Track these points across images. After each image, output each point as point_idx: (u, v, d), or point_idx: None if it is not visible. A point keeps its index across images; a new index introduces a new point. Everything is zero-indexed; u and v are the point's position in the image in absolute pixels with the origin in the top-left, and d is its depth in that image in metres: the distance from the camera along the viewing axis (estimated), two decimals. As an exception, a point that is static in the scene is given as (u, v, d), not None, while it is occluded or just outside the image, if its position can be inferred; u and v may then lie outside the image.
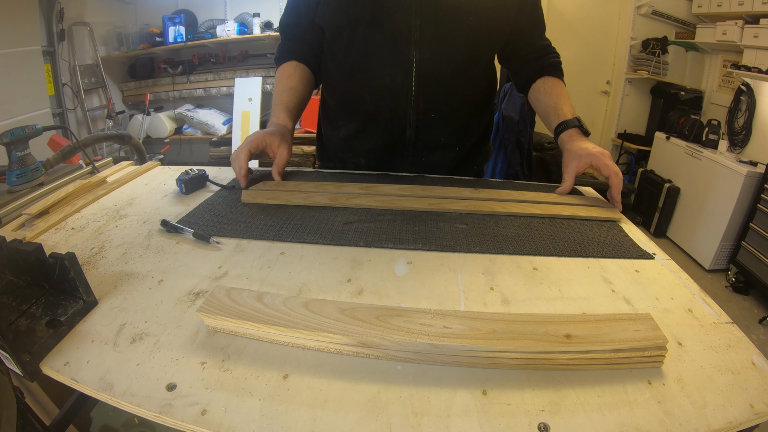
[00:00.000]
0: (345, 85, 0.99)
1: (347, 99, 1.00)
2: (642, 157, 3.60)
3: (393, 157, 1.01)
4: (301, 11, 0.96)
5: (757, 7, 2.64)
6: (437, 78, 0.91)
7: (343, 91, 1.00)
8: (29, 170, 0.87)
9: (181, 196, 0.86)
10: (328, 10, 0.90)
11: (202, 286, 0.58)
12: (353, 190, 0.85)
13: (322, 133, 1.13)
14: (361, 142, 1.01)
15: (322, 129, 1.12)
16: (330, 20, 0.91)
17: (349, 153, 1.04)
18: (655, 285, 0.60)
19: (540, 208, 0.79)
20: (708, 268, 2.77)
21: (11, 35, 2.74)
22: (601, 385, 0.44)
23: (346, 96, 1.00)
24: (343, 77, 0.98)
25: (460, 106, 0.97)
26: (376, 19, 0.86)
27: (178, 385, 0.43)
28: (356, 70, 0.94)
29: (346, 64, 0.95)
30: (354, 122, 1.00)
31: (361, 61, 0.92)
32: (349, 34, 0.90)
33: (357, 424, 0.39)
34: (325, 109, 1.09)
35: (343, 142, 1.04)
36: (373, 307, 0.49)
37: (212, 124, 3.87)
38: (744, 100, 2.70)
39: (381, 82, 0.92)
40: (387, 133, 0.98)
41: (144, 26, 3.88)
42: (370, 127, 0.99)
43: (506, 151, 2.29)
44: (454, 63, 0.91)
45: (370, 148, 1.01)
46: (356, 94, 0.97)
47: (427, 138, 0.97)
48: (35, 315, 0.50)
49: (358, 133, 1.01)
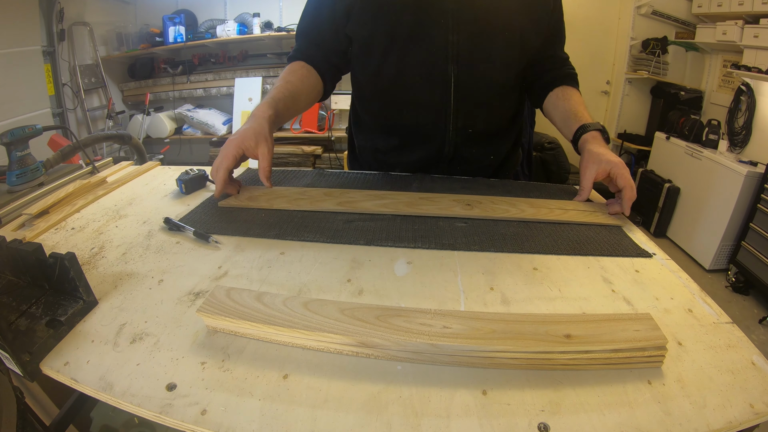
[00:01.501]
0: (381, 100, 0.97)
1: (383, 114, 0.99)
2: (642, 157, 3.60)
3: (429, 170, 1.00)
4: (324, 18, 0.93)
5: (757, 7, 2.63)
6: (475, 93, 0.90)
7: (378, 106, 0.99)
8: (29, 170, 0.87)
9: (181, 196, 0.86)
10: (362, 22, 0.88)
11: (202, 286, 0.58)
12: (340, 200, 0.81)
13: (354, 144, 1.12)
14: (397, 156, 1.00)
15: (354, 140, 1.11)
16: (364, 32, 0.89)
17: (384, 166, 1.02)
18: (655, 285, 0.60)
19: (542, 216, 0.78)
20: (708, 268, 2.77)
21: (11, 35, 2.74)
22: (601, 385, 0.44)
23: (382, 110, 0.99)
24: (377, 91, 0.96)
25: (496, 119, 0.97)
26: (414, 34, 0.85)
27: (178, 385, 0.43)
28: (393, 85, 0.92)
29: (382, 78, 0.93)
30: (392, 138, 0.99)
31: (397, 76, 0.91)
32: (385, 48, 0.88)
33: (357, 424, 0.40)
34: (357, 121, 1.08)
35: (378, 155, 1.03)
36: (373, 307, 0.49)
37: (212, 124, 3.87)
38: (744, 100, 2.69)
39: (419, 98, 0.91)
40: (425, 149, 0.97)
41: (144, 26, 3.88)
42: (408, 143, 0.98)
43: (506, 151, 2.29)
44: (491, 78, 0.90)
45: (406, 162, 1.00)
46: (393, 109, 0.96)
47: (464, 152, 0.97)
48: (35, 315, 0.50)
49: (395, 148, 1.00)
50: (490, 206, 0.80)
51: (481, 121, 0.94)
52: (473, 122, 0.94)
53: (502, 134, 1.01)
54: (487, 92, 0.92)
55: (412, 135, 0.96)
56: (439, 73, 0.88)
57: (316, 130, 3.65)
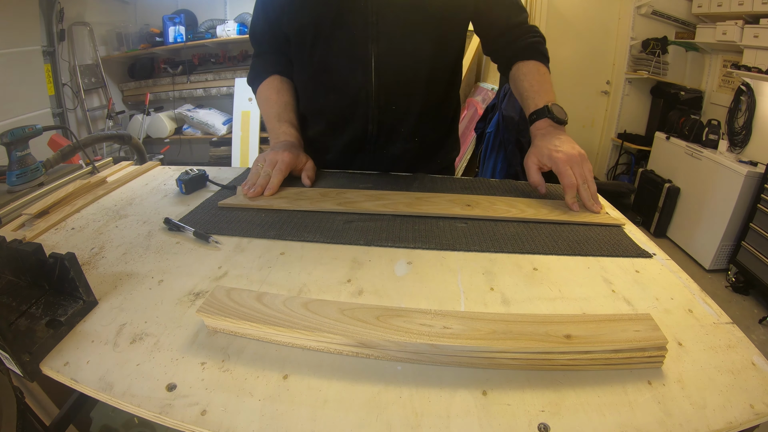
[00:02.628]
0: (309, 87, 0.99)
1: (312, 100, 1.00)
2: (642, 157, 3.60)
3: (356, 152, 1.00)
4: (271, 19, 0.96)
5: (757, 7, 2.64)
6: (396, 72, 0.91)
7: (308, 93, 1.00)
8: (29, 170, 0.87)
9: (181, 196, 0.86)
10: (291, 14, 0.90)
11: (202, 286, 0.58)
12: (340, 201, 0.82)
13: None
14: (326, 139, 1.01)
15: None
16: (295, 24, 0.91)
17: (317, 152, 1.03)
18: (655, 285, 0.60)
19: (542, 216, 0.78)
20: (708, 268, 2.77)
21: (11, 35, 2.74)
22: (601, 385, 0.44)
23: (310, 97, 1.00)
24: (306, 79, 0.98)
25: (421, 96, 0.95)
26: (337, 20, 0.86)
27: (178, 385, 0.43)
28: (319, 71, 0.94)
29: (310, 66, 0.95)
30: (320, 122, 1.01)
31: (323, 62, 0.92)
32: (313, 36, 0.89)
33: (357, 424, 0.39)
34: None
35: (311, 141, 1.04)
36: (373, 307, 0.49)
37: (212, 124, 3.87)
38: (744, 100, 2.70)
39: (342, 80, 0.92)
40: (351, 129, 0.98)
41: (144, 26, 3.88)
42: (334, 125, 0.99)
43: (506, 151, 2.29)
44: (416, 55, 0.90)
45: (333, 143, 1.01)
46: (319, 94, 0.97)
47: (389, 131, 0.97)
48: (35, 315, 0.50)
49: (323, 132, 1.01)
50: (490, 206, 0.80)
51: (403, 96, 0.94)
52: (394, 100, 0.93)
53: (430, 115, 1.00)
54: (407, 70, 0.91)
55: (338, 117, 0.97)
56: (361, 54, 0.89)
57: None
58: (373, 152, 1.00)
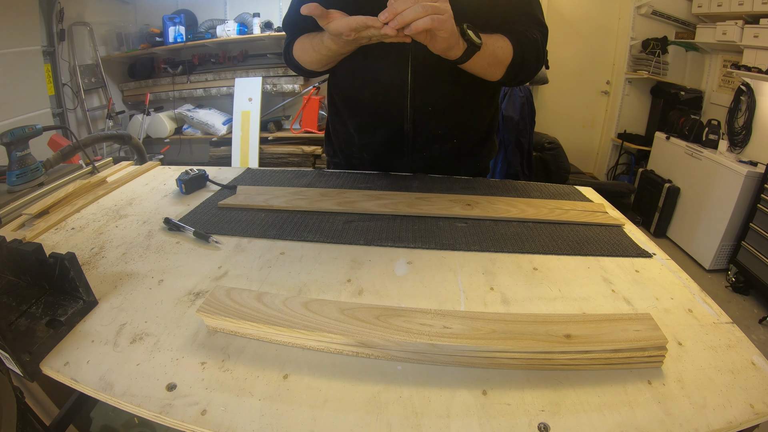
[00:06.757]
0: (347, 81, 1.00)
1: (349, 94, 1.01)
2: (642, 157, 3.60)
3: (393, 152, 1.01)
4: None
5: (757, 7, 2.63)
6: (432, 72, 0.91)
7: (345, 87, 1.02)
8: (29, 170, 0.87)
9: (181, 196, 0.86)
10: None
11: (202, 286, 0.58)
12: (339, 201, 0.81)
13: (330, 128, 1.14)
14: (362, 137, 1.02)
15: (330, 124, 1.14)
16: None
17: (353, 148, 1.05)
18: (655, 285, 0.60)
19: (542, 216, 0.78)
20: (708, 268, 2.77)
21: (11, 35, 2.74)
22: (601, 385, 0.44)
23: (348, 91, 1.01)
24: (344, 73, 0.99)
25: (458, 99, 0.96)
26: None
27: (178, 385, 0.43)
28: (357, 66, 0.95)
29: (347, 60, 0.95)
30: (355, 117, 1.02)
31: (361, 57, 0.92)
32: None
33: (357, 424, 0.39)
34: (332, 104, 1.11)
35: (348, 137, 1.05)
36: (373, 307, 0.49)
37: (212, 124, 3.87)
38: (744, 100, 2.69)
39: (379, 77, 0.93)
40: (386, 128, 0.99)
41: (144, 26, 3.88)
42: (370, 123, 1.00)
43: (506, 151, 2.29)
44: None
45: (370, 142, 1.02)
46: (357, 89, 0.98)
47: (426, 131, 0.98)
48: (35, 315, 0.50)
49: (359, 128, 1.02)
50: (489, 206, 0.80)
51: (441, 99, 0.94)
52: (431, 100, 0.94)
53: (467, 117, 1.01)
54: (447, 71, 0.90)
55: (374, 114, 0.98)
56: (397, 52, 0.89)
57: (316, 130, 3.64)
58: (411, 153, 1.00)
